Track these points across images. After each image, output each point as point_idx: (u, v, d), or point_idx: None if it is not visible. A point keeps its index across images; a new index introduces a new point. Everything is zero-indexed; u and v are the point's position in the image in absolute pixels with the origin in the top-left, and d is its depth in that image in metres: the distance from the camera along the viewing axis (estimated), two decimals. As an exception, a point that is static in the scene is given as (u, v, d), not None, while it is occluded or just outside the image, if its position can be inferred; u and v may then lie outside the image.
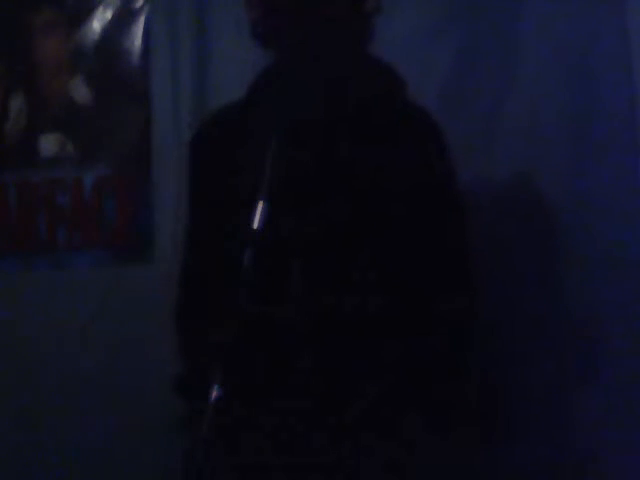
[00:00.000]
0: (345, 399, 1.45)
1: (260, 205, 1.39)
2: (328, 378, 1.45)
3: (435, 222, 1.51)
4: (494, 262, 1.85)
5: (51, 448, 2.20)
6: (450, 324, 1.50)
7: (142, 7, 2.33)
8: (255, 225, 1.39)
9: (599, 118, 1.96)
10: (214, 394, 1.35)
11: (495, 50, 2.04)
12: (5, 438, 2.24)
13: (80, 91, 2.36)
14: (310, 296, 1.47)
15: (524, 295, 1.94)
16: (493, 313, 1.76)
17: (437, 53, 2.06)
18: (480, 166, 1.97)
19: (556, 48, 2.00)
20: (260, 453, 1.45)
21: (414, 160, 1.51)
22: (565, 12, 2.00)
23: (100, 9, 2.35)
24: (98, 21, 2.35)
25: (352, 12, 1.55)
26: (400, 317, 1.47)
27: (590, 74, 1.98)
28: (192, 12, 2.26)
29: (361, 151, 1.49)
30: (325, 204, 1.48)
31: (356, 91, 1.54)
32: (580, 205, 1.96)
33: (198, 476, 1.36)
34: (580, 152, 1.97)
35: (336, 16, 1.53)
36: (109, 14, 2.35)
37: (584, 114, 1.98)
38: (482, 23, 2.05)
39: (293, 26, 1.54)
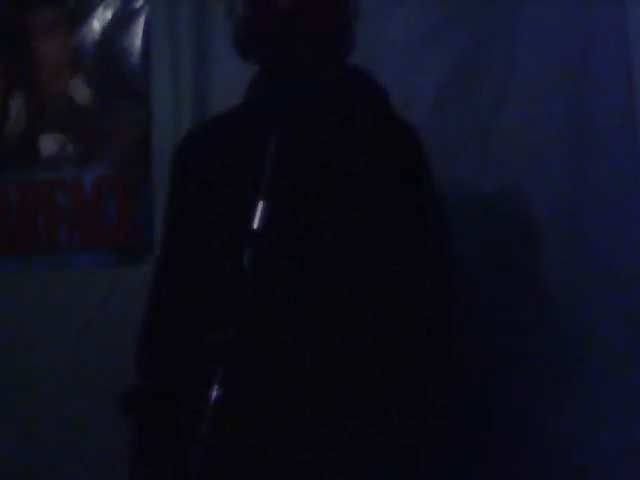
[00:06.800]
0: (345, 395, 1.45)
1: (260, 205, 1.40)
2: (329, 375, 1.45)
3: (415, 227, 1.52)
4: (491, 267, 1.85)
5: (50, 447, 2.20)
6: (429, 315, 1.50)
7: (142, 7, 2.33)
8: (255, 225, 1.39)
9: (599, 120, 1.96)
10: (214, 394, 1.36)
11: (493, 53, 2.04)
12: (4, 438, 2.24)
13: (80, 91, 2.36)
14: (309, 294, 1.47)
15: (521, 298, 1.94)
16: (488, 318, 1.77)
17: (434, 58, 2.06)
18: (477, 169, 1.97)
19: (555, 50, 2.00)
20: (260, 452, 1.45)
21: (394, 167, 1.51)
22: (563, 14, 2.00)
23: (100, 9, 2.36)
24: (98, 21, 2.35)
25: (332, 19, 1.56)
26: (394, 316, 1.47)
27: (589, 76, 1.98)
28: (192, 12, 2.26)
29: (344, 156, 1.49)
30: (319, 204, 1.48)
31: (336, 99, 1.55)
32: (578, 205, 1.96)
33: (199, 476, 1.36)
34: (580, 155, 1.97)
35: (316, 24, 1.54)
36: (109, 14, 2.35)
37: (583, 116, 1.98)
38: (479, 27, 2.05)
39: (272, 36, 1.54)
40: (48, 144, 2.37)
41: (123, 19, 2.34)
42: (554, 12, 2.00)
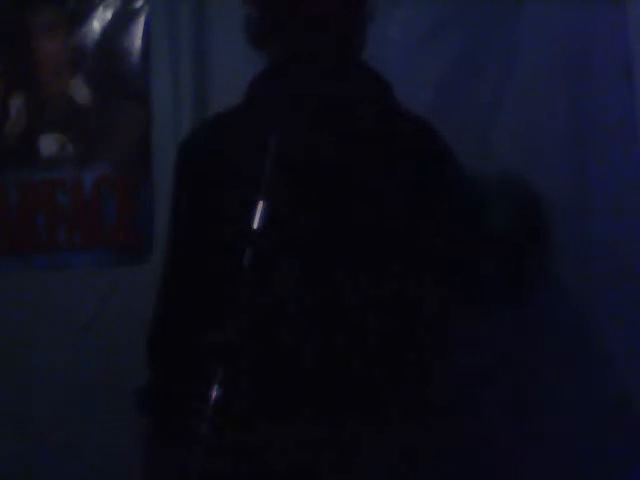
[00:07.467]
0: (345, 395, 1.45)
1: (260, 205, 1.40)
2: (329, 375, 1.45)
3: (428, 221, 1.51)
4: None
5: (50, 448, 2.20)
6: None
7: (142, 7, 2.33)
8: (255, 225, 1.39)
9: (599, 120, 1.96)
10: (214, 394, 1.36)
11: (492, 53, 2.04)
12: (4, 438, 2.24)
13: (80, 91, 2.36)
14: (309, 294, 1.47)
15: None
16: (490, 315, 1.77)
17: (434, 57, 2.05)
18: (477, 169, 1.97)
19: (555, 50, 2.00)
20: (260, 452, 1.45)
21: (410, 163, 1.51)
22: (564, 14, 2.00)
23: (100, 9, 2.35)
24: (98, 21, 2.35)
25: (347, 16, 1.56)
26: (396, 314, 1.47)
27: (590, 76, 1.98)
28: (192, 12, 2.26)
29: (347, 155, 1.49)
30: (320, 204, 1.48)
31: (340, 96, 1.54)
32: (579, 206, 1.96)
33: (199, 476, 1.36)
34: (580, 154, 1.97)
35: (330, 19, 1.54)
36: (109, 14, 2.35)
37: (584, 116, 1.98)
38: (479, 27, 2.05)
39: (286, 28, 1.54)
40: (48, 144, 2.37)
41: (123, 19, 2.34)
42: (554, 12, 2.00)
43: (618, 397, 1.88)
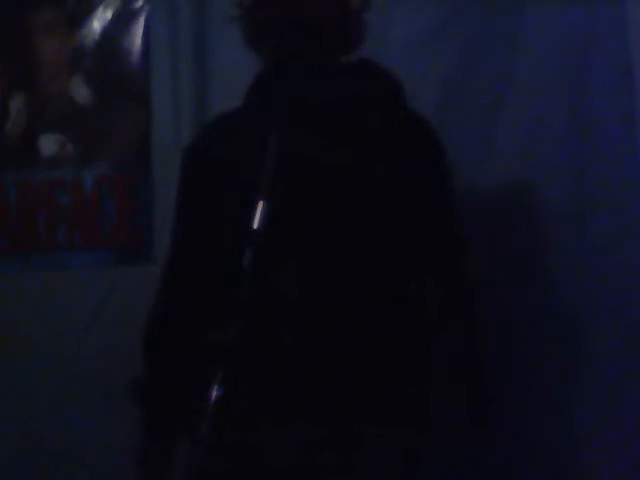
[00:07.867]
0: (344, 396, 1.45)
1: (260, 205, 1.40)
2: (329, 375, 1.45)
3: (428, 221, 1.52)
4: (490, 262, 1.85)
5: (50, 448, 2.20)
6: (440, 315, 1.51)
7: (142, 7, 2.33)
8: (255, 225, 1.39)
9: (599, 118, 1.96)
10: (214, 394, 1.36)
11: (495, 51, 2.04)
12: (4, 438, 2.24)
13: (80, 91, 2.36)
14: (309, 294, 1.47)
15: (519, 295, 1.94)
16: (487, 313, 1.77)
17: (437, 55, 2.06)
18: (479, 168, 1.97)
19: (556, 49, 2.01)
20: (260, 452, 1.45)
21: (410, 163, 1.51)
22: (564, 14, 2.00)
23: (100, 9, 2.36)
24: (98, 21, 2.35)
25: (339, 11, 1.56)
26: (396, 314, 1.48)
27: (590, 76, 1.98)
28: (192, 12, 2.26)
29: (347, 155, 1.49)
30: (320, 204, 1.48)
31: (342, 94, 1.54)
32: (579, 205, 1.96)
33: (199, 476, 1.37)
34: (580, 154, 1.97)
35: (324, 17, 1.54)
36: (109, 14, 2.35)
37: (584, 114, 1.98)
38: (482, 25, 2.05)
39: (281, 29, 1.54)
40: (48, 144, 2.37)
41: (123, 19, 2.34)
42: (554, 12, 2.00)
43: (617, 396, 1.89)
